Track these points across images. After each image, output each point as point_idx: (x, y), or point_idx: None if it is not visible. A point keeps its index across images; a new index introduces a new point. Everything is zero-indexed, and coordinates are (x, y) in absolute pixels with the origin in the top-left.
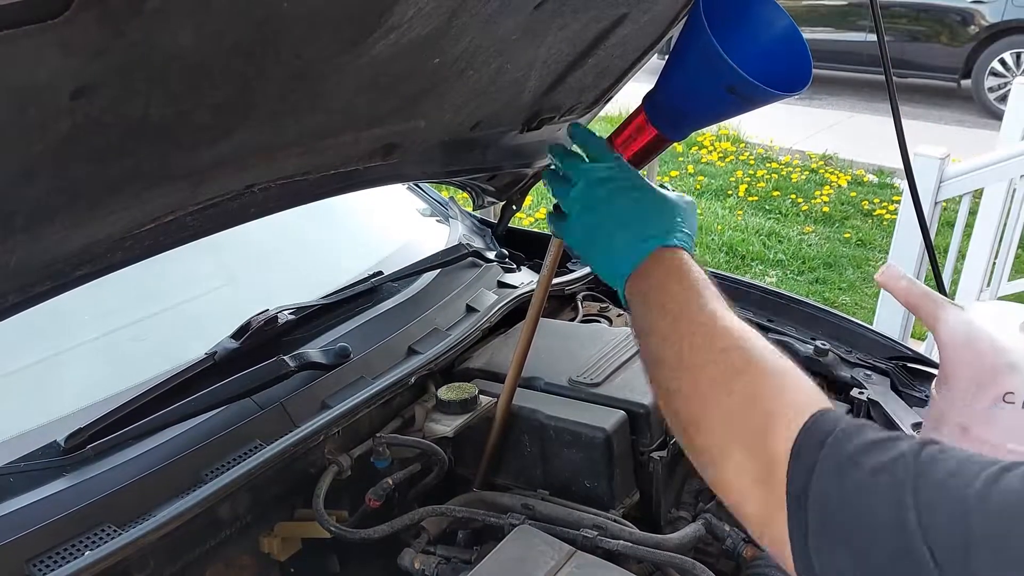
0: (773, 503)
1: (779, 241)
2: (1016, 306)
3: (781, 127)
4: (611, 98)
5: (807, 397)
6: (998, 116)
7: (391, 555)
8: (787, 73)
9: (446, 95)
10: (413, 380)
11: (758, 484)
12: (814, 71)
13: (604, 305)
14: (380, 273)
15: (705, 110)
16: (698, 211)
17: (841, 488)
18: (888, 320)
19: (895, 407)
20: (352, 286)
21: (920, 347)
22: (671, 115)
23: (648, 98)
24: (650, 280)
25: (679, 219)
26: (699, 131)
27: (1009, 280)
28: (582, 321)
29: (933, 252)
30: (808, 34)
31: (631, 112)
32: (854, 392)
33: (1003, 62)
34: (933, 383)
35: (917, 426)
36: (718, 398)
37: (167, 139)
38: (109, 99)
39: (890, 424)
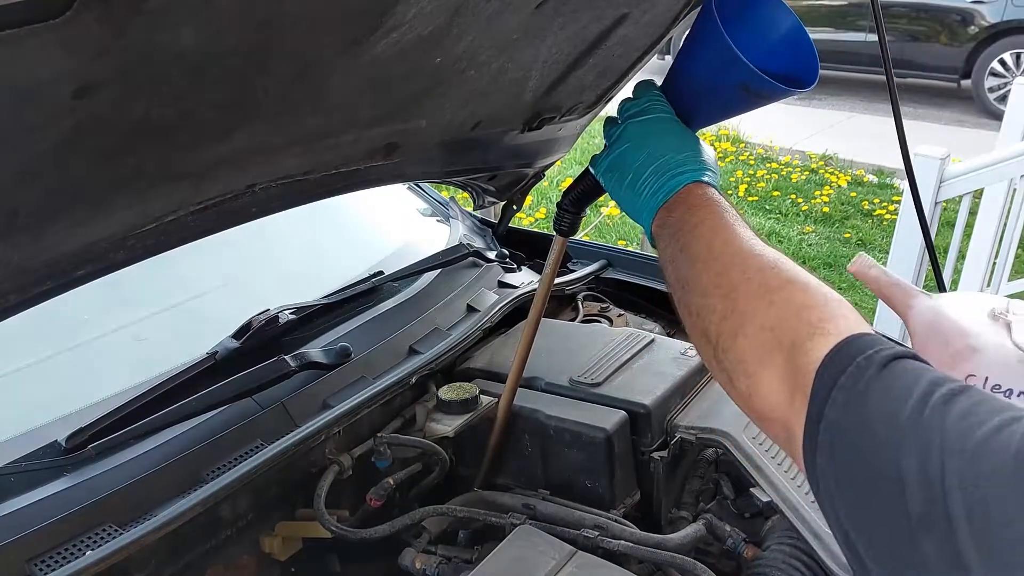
0: (796, 414)
1: (779, 241)
2: (987, 296)
3: (781, 127)
4: (612, 98)
5: (846, 321)
6: (998, 116)
7: (392, 555)
8: (794, 70)
9: (447, 95)
10: (414, 380)
11: (788, 391)
12: None
13: (605, 305)
14: (381, 273)
15: (715, 107)
16: None
17: (848, 421)
18: (888, 320)
19: None
20: (353, 286)
21: None
22: (679, 112)
23: None
24: (682, 211)
25: (705, 155)
26: (699, 131)
27: (1009, 280)
28: (583, 321)
29: (933, 252)
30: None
31: None
32: None
33: (1003, 62)
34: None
35: None
36: (758, 309)
37: (168, 138)
38: (110, 98)
39: None
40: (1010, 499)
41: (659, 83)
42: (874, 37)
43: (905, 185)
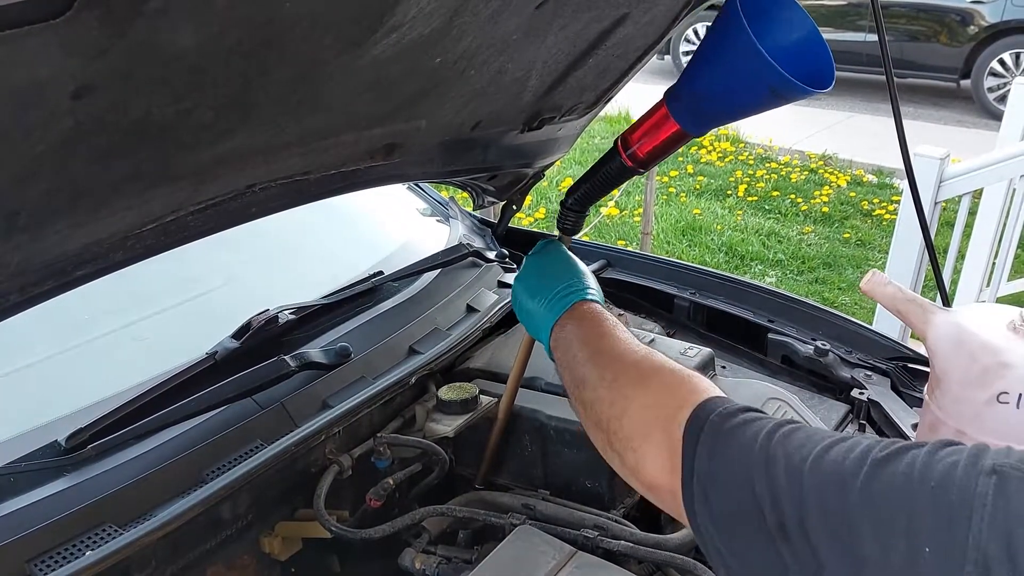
0: (677, 478)
1: (778, 241)
2: (1003, 307)
3: (780, 127)
4: (611, 98)
5: (703, 390)
6: (998, 116)
7: (392, 555)
8: (811, 70)
9: (447, 95)
10: (414, 380)
11: (668, 459)
12: None
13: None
14: (380, 273)
15: (737, 108)
16: (698, 211)
17: (713, 467)
18: (888, 320)
19: (895, 407)
20: (353, 286)
21: (920, 347)
22: (697, 111)
23: (671, 94)
24: (574, 323)
25: (588, 279)
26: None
27: (1009, 280)
28: None
29: (933, 252)
30: None
31: (650, 107)
32: (854, 392)
33: (1002, 62)
34: (925, 389)
35: (917, 427)
36: (637, 393)
37: (168, 139)
38: (110, 99)
39: (890, 425)
40: (841, 499)
41: (669, 85)
42: (874, 37)
43: (905, 185)
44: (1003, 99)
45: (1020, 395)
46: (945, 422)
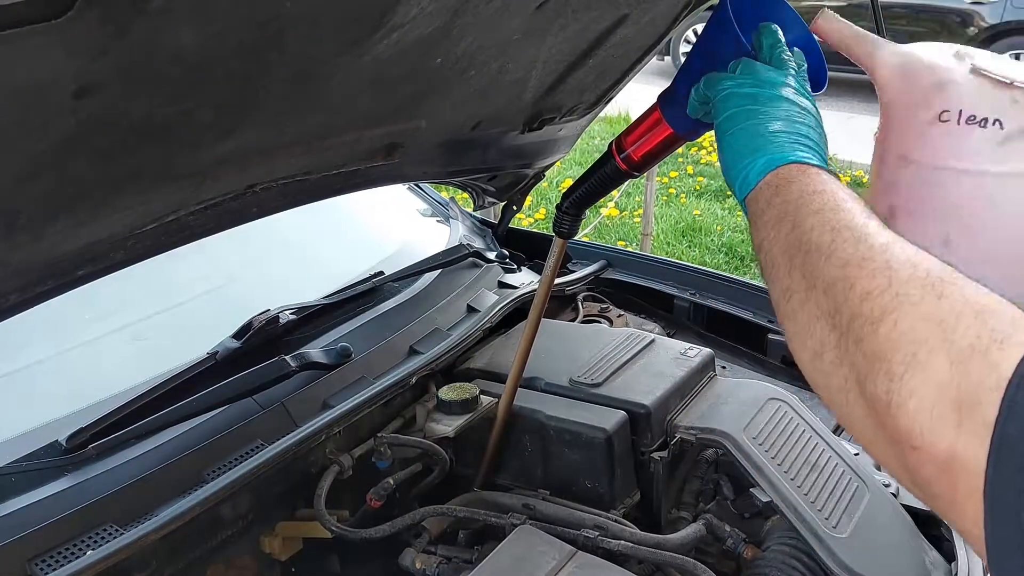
0: (966, 439)
1: None
2: (953, 45)
3: None
4: (612, 98)
5: None
6: None
7: (392, 555)
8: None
9: (448, 95)
10: (414, 380)
11: (953, 408)
12: None
13: (604, 306)
14: (381, 273)
15: None
16: (698, 212)
17: None
18: None
19: None
20: (353, 286)
21: None
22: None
23: (664, 97)
24: (814, 180)
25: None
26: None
27: None
28: (583, 322)
29: None
30: None
31: (644, 111)
32: None
33: None
34: (875, 130)
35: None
36: (925, 298)
37: (169, 139)
38: (112, 98)
39: None
40: None
41: (665, 86)
42: None
43: None
44: None
45: (960, 111)
46: (889, 151)
